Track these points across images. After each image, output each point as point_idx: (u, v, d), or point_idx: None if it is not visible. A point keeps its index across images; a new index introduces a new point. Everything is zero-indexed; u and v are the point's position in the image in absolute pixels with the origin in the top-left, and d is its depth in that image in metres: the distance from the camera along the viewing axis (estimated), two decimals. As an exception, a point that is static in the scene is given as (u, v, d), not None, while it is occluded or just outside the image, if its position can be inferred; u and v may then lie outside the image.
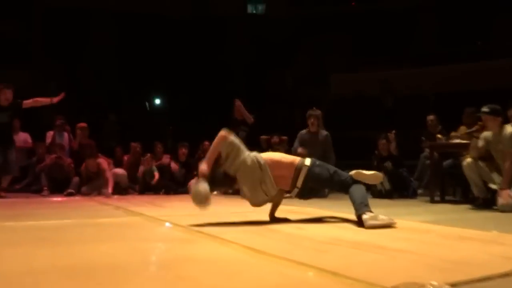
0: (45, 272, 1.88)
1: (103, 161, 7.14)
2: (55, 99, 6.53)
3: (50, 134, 8.05)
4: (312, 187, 3.59)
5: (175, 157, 8.04)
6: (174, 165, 7.94)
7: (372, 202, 3.48)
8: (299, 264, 2.01)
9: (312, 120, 6.79)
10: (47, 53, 13.40)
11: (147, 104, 15.08)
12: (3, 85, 6.31)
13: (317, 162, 3.55)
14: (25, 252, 2.33)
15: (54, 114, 8.17)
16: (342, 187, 3.49)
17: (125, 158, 8.12)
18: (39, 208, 4.96)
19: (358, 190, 3.39)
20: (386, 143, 6.71)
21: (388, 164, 6.57)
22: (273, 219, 3.62)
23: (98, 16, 14.38)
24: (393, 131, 6.75)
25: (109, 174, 6.91)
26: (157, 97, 15.93)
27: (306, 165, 3.46)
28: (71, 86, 11.44)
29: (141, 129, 11.20)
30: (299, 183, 3.45)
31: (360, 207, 3.25)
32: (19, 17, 13.51)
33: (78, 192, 6.87)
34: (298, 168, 3.46)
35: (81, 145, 7.89)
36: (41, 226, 3.38)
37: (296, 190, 3.49)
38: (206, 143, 8.62)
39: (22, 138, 7.97)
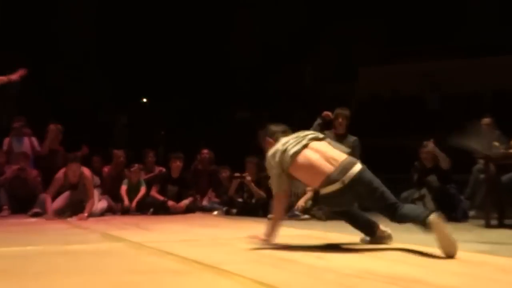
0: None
1: (86, 171, 6.96)
2: (13, 77, 6.38)
3: (7, 140, 8.09)
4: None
5: (167, 170, 8.03)
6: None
7: (412, 226, 3.46)
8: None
9: (340, 120, 6.85)
10: (5, 42, 13.41)
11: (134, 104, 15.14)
12: None
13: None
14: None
15: (15, 116, 8.21)
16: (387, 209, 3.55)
17: (105, 169, 8.15)
18: (-3, 231, 4.99)
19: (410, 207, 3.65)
20: (431, 152, 6.66)
21: (433, 179, 6.51)
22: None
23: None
24: (431, 140, 6.70)
25: (93, 192, 6.83)
26: (145, 97, 15.97)
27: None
28: (38, 82, 11.48)
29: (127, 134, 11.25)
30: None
31: (423, 212, 3.39)
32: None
33: (45, 212, 6.87)
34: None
35: (51, 151, 7.93)
36: (0, 254, 3.39)
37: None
38: (205, 151, 8.64)
39: None
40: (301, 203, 6.75)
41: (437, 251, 3.16)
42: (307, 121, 7.32)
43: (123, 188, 7.66)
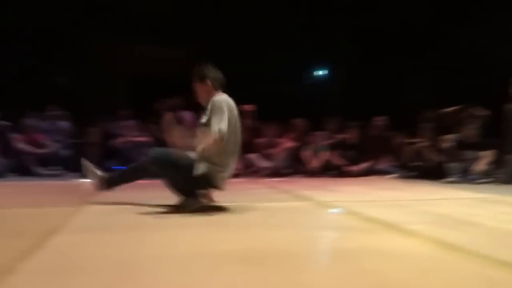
0: (217, 256, 2.04)
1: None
2: None
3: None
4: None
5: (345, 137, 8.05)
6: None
7: None
8: (508, 266, 1.86)
9: None
10: (203, 29, 13.89)
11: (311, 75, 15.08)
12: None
13: None
14: (195, 234, 2.55)
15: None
16: None
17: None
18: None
19: None
20: None
21: None
22: None
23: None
24: None
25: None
26: (322, 68, 15.78)
27: None
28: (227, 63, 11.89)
29: (304, 104, 11.31)
30: None
31: None
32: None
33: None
34: None
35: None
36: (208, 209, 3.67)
37: None
38: (379, 118, 8.40)
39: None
40: (479, 166, 6.30)
41: None
42: (478, 89, 6.71)
43: (307, 153, 7.82)
